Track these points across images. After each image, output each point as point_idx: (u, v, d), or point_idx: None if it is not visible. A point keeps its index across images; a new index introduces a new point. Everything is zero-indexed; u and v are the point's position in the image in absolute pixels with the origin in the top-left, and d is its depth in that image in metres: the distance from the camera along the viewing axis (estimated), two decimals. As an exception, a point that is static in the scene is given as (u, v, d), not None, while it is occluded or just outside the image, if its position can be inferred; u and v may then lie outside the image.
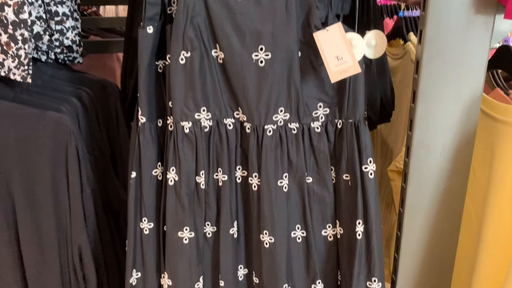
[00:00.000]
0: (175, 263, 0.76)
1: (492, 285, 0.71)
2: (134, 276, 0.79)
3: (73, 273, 0.92)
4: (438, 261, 0.75)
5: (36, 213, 0.86)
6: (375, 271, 0.72)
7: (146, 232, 0.78)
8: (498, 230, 0.70)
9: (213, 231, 0.78)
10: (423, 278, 0.76)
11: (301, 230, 0.76)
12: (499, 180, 0.69)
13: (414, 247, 0.74)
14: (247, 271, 0.82)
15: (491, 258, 0.71)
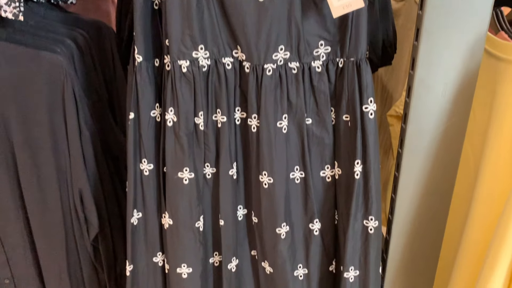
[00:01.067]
0: (175, 203, 0.77)
1: (487, 227, 0.72)
2: (135, 216, 0.80)
3: (75, 216, 0.94)
4: (435, 202, 0.76)
5: (35, 155, 0.86)
6: (372, 210, 0.73)
7: (146, 173, 0.78)
8: (496, 171, 0.71)
9: (212, 172, 0.78)
10: (419, 218, 0.78)
11: (300, 171, 0.77)
12: (499, 120, 0.69)
13: (412, 187, 0.75)
14: (246, 211, 0.83)
15: (487, 200, 0.72)
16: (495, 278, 0.65)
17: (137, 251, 0.83)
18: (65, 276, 0.97)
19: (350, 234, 0.75)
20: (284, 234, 0.79)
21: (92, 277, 1.01)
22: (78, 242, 0.96)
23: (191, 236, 0.79)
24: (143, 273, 0.84)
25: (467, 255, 0.76)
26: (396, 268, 0.82)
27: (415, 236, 0.79)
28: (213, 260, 0.86)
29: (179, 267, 0.81)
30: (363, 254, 0.77)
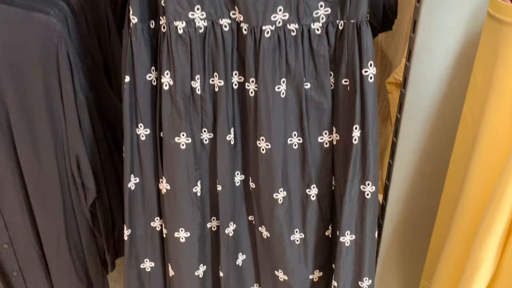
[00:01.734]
0: (172, 168, 0.77)
1: (485, 191, 0.72)
2: (133, 181, 0.80)
3: (72, 181, 0.94)
4: (432, 167, 0.76)
5: (30, 119, 0.85)
6: (369, 175, 0.73)
7: (143, 138, 0.77)
8: (495, 136, 0.70)
9: (210, 137, 0.78)
10: (416, 184, 0.78)
11: (298, 137, 0.76)
12: (500, 84, 0.68)
13: (409, 153, 0.75)
14: (244, 177, 0.83)
15: (485, 165, 0.72)
16: (491, 239, 0.65)
17: (134, 216, 0.83)
18: (63, 241, 0.98)
19: (347, 199, 0.76)
20: (281, 199, 0.79)
21: (90, 242, 1.02)
22: (75, 207, 0.97)
23: (188, 201, 0.80)
24: (141, 237, 0.85)
25: (464, 219, 0.76)
26: (392, 233, 0.83)
27: (412, 201, 0.80)
28: (210, 225, 0.86)
29: (177, 231, 0.82)
30: (359, 219, 0.77)
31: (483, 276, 0.69)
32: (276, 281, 0.89)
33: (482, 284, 0.70)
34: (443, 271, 0.85)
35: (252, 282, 0.95)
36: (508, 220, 0.65)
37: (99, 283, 1.08)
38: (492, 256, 0.67)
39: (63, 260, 1.00)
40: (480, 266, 0.68)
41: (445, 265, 0.84)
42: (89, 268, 1.05)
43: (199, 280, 0.88)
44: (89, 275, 1.06)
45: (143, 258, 0.87)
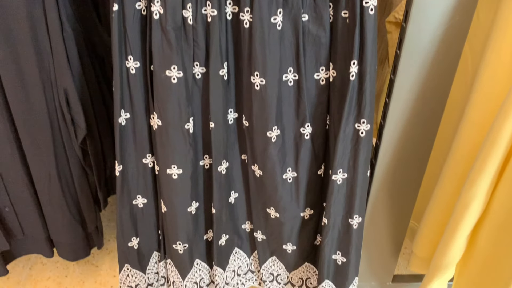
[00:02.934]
0: (164, 103, 0.75)
1: (481, 130, 0.72)
2: (123, 116, 0.78)
3: (62, 117, 0.91)
4: (429, 106, 0.75)
5: (15, 51, 0.81)
6: (365, 113, 0.72)
7: (133, 71, 0.75)
8: (495, 75, 0.69)
9: (202, 72, 0.75)
10: (411, 124, 0.77)
11: (293, 73, 0.74)
12: (504, 23, 0.66)
13: (407, 91, 0.73)
14: (237, 115, 0.82)
15: (484, 103, 0.71)
16: (483, 178, 0.65)
17: (126, 152, 0.82)
18: (54, 178, 0.97)
19: (341, 137, 0.75)
20: (274, 137, 0.78)
21: (82, 179, 1.01)
22: (66, 144, 0.95)
23: (180, 138, 0.78)
24: (133, 173, 0.85)
25: (457, 160, 0.76)
26: (384, 173, 0.83)
27: (406, 142, 0.79)
28: (203, 163, 0.86)
29: (169, 168, 0.81)
30: (352, 157, 0.77)
31: (472, 214, 0.69)
32: (268, 218, 0.90)
33: (471, 222, 0.70)
34: (433, 212, 0.86)
35: (244, 220, 0.96)
36: (500, 160, 0.65)
37: (91, 220, 1.09)
38: (483, 195, 0.67)
39: (55, 197, 1.00)
40: (470, 204, 0.68)
41: (435, 206, 0.85)
42: (82, 205, 1.05)
43: (191, 216, 0.88)
44: (81, 212, 1.07)
45: (135, 195, 0.87)
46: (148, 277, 0.99)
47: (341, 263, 0.89)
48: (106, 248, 1.34)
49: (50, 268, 1.28)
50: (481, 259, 0.75)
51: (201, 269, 0.98)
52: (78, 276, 1.26)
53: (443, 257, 0.76)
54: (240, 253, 1.01)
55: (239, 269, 1.03)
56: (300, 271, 0.99)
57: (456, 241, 0.73)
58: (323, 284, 0.91)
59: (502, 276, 0.70)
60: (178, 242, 0.90)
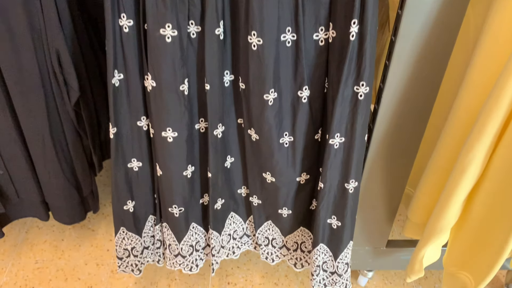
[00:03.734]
0: (158, 63, 0.73)
1: (482, 93, 0.70)
2: (116, 77, 0.77)
3: (54, 79, 0.90)
4: (429, 69, 0.73)
5: (3, 11, 0.79)
6: (364, 75, 0.70)
7: (126, 30, 0.72)
8: (498, 37, 0.67)
9: (197, 31, 0.73)
10: (411, 88, 0.76)
11: (292, 33, 0.72)
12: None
13: (407, 53, 0.71)
14: (234, 77, 0.80)
15: (485, 66, 0.69)
16: (482, 141, 0.65)
17: (120, 113, 0.80)
18: (48, 142, 0.96)
19: (339, 100, 0.73)
20: (271, 100, 0.77)
21: (76, 143, 1.00)
22: (59, 106, 0.94)
23: (175, 99, 0.77)
24: (127, 136, 0.83)
25: (456, 125, 0.75)
26: (382, 138, 0.82)
27: (405, 106, 0.78)
28: (198, 126, 0.84)
29: (164, 131, 0.80)
30: (350, 121, 0.76)
31: (469, 179, 0.69)
32: (264, 183, 0.89)
33: (467, 187, 0.70)
34: (430, 177, 0.86)
35: (240, 184, 0.96)
36: (500, 124, 0.64)
37: (87, 184, 1.09)
38: (480, 159, 0.67)
39: (49, 161, 1.00)
40: (467, 168, 0.68)
41: (432, 171, 0.85)
42: (76, 169, 1.05)
43: (187, 180, 0.88)
44: (76, 176, 1.06)
45: (130, 158, 0.87)
46: (144, 240, 0.99)
47: (336, 227, 0.89)
48: (102, 213, 1.35)
49: (46, 232, 1.28)
50: (476, 224, 0.75)
51: (197, 232, 0.98)
52: (75, 239, 1.26)
53: (438, 221, 0.76)
54: (235, 217, 1.02)
55: (235, 233, 1.04)
56: (295, 235, 1.00)
57: (452, 205, 0.73)
58: (317, 248, 0.92)
59: (496, 241, 0.71)
60: (174, 206, 0.90)
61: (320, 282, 0.98)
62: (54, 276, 1.16)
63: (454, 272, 0.83)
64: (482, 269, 0.76)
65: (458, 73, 0.80)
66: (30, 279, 1.15)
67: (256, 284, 1.16)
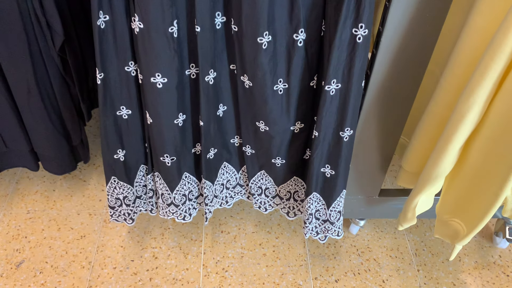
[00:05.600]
0: (145, 3, 0.68)
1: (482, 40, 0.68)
2: (102, 18, 0.72)
3: (36, 21, 0.85)
4: (431, 12, 0.70)
5: None
6: (363, 16, 0.67)
7: (110, -34, 0.67)
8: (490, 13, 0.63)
9: (187, -33, 0.68)
10: (411, 31, 0.72)
11: (287, -29, 0.67)
12: None
13: None
14: (225, 19, 0.76)
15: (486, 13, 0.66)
16: (482, 87, 0.62)
17: (107, 57, 0.77)
18: (34, 89, 0.93)
19: (337, 43, 0.70)
20: (266, 44, 0.73)
21: (63, 91, 0.97)
22: (43, 51, 0.89)
23: (164, 42, 0.73)
24: (115, 81, 0.80)
25: (455, 71, 0.73)
26: (379, 85, 0.80)
27: (404, 52, 0.75)
28: (189, 72, 0.81)
29: (153, 76, 0.77)
30: (347, 65, 0.73)
31: (467, 125, 0.67)
32: (257, 132, 0.88)
33: (465, 134, 0.69)
34: (426, 125, 0.84)
35: (233, 134, 0.94)
36: (502, 70, 0.62)
37: (76, 133, 1.06)
38: (480, 106, 0.65)
39: (35, 110, 0.96)
40: (466, 115, 0.66)
41: (429, 119, 0.83)
42: (65, 117, 1.02)
43: (178, 129, 0.86)
44: (65, 125, 1.04)
45: (119, 105, 0.84)
46: (136, 190, 0.98)
47: (329, 176, 0.88)
48: (93, 164, 1.33)
49: (37, 182, 1.27)
50: (471, 172, 0.74)
51: (190, 182, 0.97)
52: (66, 190, 1.26)
53: (434, 168, 0.75)
54: (228, 167, 1.01)
55: (228, 183, 1.03)
56: (288, 184, 0.99)
57: (449, 152, 0.72)
58: (311, 196, 0.92)
59: (491, 188, 0.71)
60: (166, 155, 0.89)
61: (312, 230, 0.98)
62: (46, 225, 1.16)
63: (446, 219, 0.84)
64: (475, 216, 0.76)
65: (460, 14, 0.77)
66: (23, 228, 1.14)
67: (249, 233, 1.17)
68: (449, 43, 0.81)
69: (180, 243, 1.13)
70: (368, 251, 1.14)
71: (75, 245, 1.12)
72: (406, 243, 1.17)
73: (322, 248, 1.14)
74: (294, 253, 1.12)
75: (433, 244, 1.17)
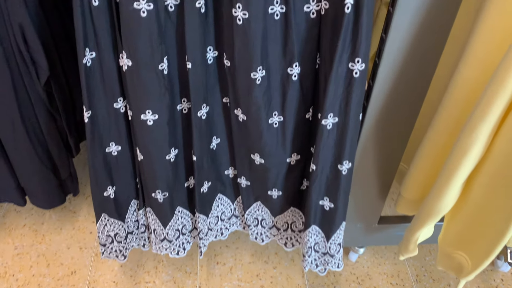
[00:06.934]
0: (133, 41, 0.66)
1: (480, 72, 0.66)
2: (88, 56, 0.69)
3: (20, 57, 0.82)
4: (428, 43, 0.68)
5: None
6: (360, 51, 0.65)
7: (96, 3, 0.65)
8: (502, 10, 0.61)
9: (175, 3, 0.66)
10: (409, 62, 0.70)
11: (280, 5, 0.65)
12: None
13: (406, 25, 0.65)
14: (217, 53, 0.73)
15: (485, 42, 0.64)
16: (486, 122, 0.60)
17: (94, 96, 0.74)
18: (18, 124, 0.89)
19: (333, 78, 0.68)
20: (259, 79, 0.71)
21: (49, 125, 0.93)
22: (28, 87, 0.86)
23: (154, 80, 0.70)
24: (104, 119, 0.77)
25: (456, 100, 0.71)
26: (376, 115, 0.77)
27: (401, 82, 0.73)
28: (181, 107, 0.78)
29: (143, 113, 0.74)
30: (344, 100, 0.71)
31: (471, 160, 0.65)
32: (252, 164, 0.85)
33: (468, 168, 0.67)
34: (425, 154, 0.82)
35: (227, 165, 0.91)
36: (506, 104, 0.59)
37: (64, 167, 1.02)
38: (483, 140, 0.63)
39: (21, 145, 0.93)
40: (469, 149, 0.64)
41: (427, 148, 0.81)
42: (52, 152, 0.98)
43: (170, 164, 0.83)
44: (52, 159, 1.00)
45: (108, 142, 0.80)
46: (128, 226, 0.95)
47: (328, 209, 0.86)
48: (83, 193, 1.29)
49: (25, 215, 1.23)
50: (475, 206, 0.72)
51: (183, 216, 0.94)
52: (55, 222, 1.21)
53: (436, 203, 0.73)
54: (223, 199, 0.97)
55: (223, 215, 1.00)
56: (285, 215, 0.96)
57: (451, 187, 0.69)
58: (309, 230, 0.89)
59: (497, 225, 0.68)
60: (158, 191, 0.85)
61: (311, 263, 0.95)
62: (35, 262, 1.11)
63: (450, 252, 0.81)
64: (480, 251, 0.74)
65: (459, 46, 0.75)
66: (10, 266, 1.10)
67: (245, 263, 1.13)
68: (447, 71, 0.79)
69: (175, 277, 1.09)
70: (368, 279, 1.11)
71: (65, 282, 1.07)
72: (407, 269, 1.14)
73: (321, 277, 1.11)
74: (293, 284, 1.09)
75: (434, 269, 1.14)
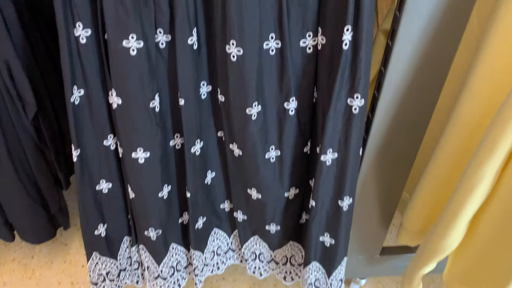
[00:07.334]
0: (123, 79, 0.63)
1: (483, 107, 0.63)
2: (76, 94, 0.67)
3: (6, 93, 0.79)
4: (429, 77, 0.66)
5: None
6: (359, 87, 0.62)
7: (83, 41, 0.62)
8: (506, 40, 0.59)
9: (167, 40, 0.63)
10: (409, 96, 0.68)
11: (276, 40, 0.63)
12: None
13: (406, 59, 0.63)
14: (211, 88, 0.71)
15: (488, 76, 0.62)
16: (492, 160, 0.58)
17: (83, 133, 0.71)
18: (5, 160, 0.86)
19: (331, 114, 0.65)
20: (255, 114, 0.68)
21: (38, 160, 0.90)
22: (15, 122, 0.83)
23: (145, 118, 0.68)
24: (93, 157, 0.74)
25: (457, 133, 0.68)
26: (377, 149, 0.75)
27: (402, 114, 0.70)
28: (174, 143, 0.75)
29: (134, 151, 0.71)
30: (343, 136, 0.68)
31: (477, 198, 0.62)
32: (249, 199, 0.82)
33: (474, 206, 0.64)
34: (427, 186, 0.79)
35: (223, 199, 0.88)
36: (510, 145, 0.57)
37: (54, 201, 0.99)
38: (490, 178, 0.60)
39: (9, 181, 0.89)
40: (475, 188, 0.61)
41: (429, 180, 0.78)
42: (41, 187, 0.95)
43: (163, 202, 0.79)
44: (42, 194, 0.96)
45: (98, 179, 0.77)
46: (120, 263, 0.91)
47: (329, 245, 0.82)
48: (74, 225, 1.25)
49: (14, 249, 1.19)
50: (482, 243, 0.69)
51: (178, 253, 0.90)
52: (46, 256, 1.17)
53: (441, 241, 0.70)
54: (219, 233, 0.94)
55: (219, 249, 0.96)
56: (284, 249, 0.93)
57: (457, 225, 0.66)
58: (310, 266, 0.85)
59: (506, 263, 0.65)
60: (150, 229, 0.82)
61: (312, 299, 0.91)
62: (24, 299, 1.07)
63: (456, 289, 0.78)
64: (489, 290, 0.70)
65: (458, 76, 0.73)
66: (-2, 305, 1.06)
67: (243, 297, 1.09)
68: (448, 102, 0.76)
69: (170, 313, 1.05)
70: (371, 311, 1.08)
71: (55, 321, 1.03)
72: (410, 299, 1.10)
73: (322, 310, 1.07)
74: (292, 318, 1.05)
75: (438, 299, 1.11)
